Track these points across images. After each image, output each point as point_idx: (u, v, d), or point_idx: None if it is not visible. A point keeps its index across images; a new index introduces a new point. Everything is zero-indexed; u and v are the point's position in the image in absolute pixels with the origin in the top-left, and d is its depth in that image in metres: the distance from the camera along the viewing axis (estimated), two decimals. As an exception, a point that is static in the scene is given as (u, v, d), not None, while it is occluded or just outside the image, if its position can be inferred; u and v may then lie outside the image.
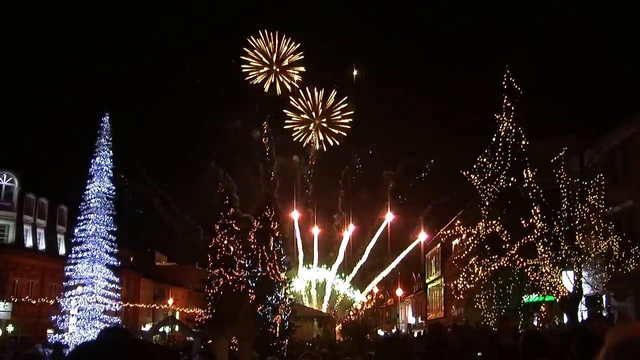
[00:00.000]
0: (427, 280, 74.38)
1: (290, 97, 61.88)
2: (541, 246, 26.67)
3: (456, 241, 36.08)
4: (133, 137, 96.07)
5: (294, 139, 62.27)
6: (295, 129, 63.68)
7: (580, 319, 26.53)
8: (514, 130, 28.85)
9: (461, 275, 29.82)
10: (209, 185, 50.55)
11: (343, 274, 61.55)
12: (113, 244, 46.28)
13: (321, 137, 60.58)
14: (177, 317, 63.79)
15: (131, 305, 62.18)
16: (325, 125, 63.33)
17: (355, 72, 58.93)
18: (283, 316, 34.75)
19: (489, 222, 28.38)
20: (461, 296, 31.40)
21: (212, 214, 39.81)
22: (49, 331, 45.78)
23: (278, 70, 59.49)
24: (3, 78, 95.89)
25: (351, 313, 66.10)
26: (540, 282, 27.20)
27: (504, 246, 27.55)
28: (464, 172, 29.67)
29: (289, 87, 61.55)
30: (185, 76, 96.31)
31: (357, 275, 63.16)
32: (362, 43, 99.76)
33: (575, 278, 26.93)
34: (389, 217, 63.56)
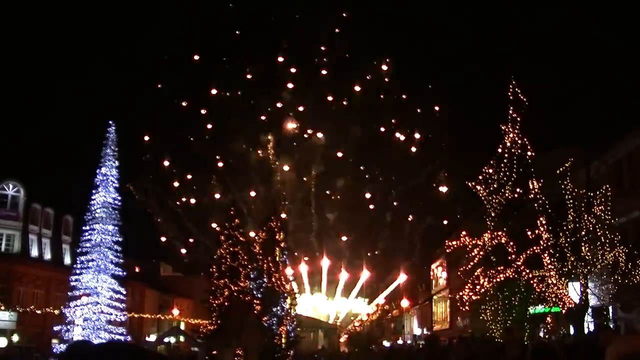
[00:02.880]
0: (433, 291, 74.23)
1: None
2: (547, 257, 26.60)
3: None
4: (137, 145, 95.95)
5: None
6: None
7: (586, 331, 26.43)
8: (519, 142, 28.80)
9: (467, 287, 29.73)
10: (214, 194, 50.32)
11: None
12: (118, 254, 46.34)
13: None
14: (182, 327, 63.68)
15: (136, 316, 62.10)
16: None
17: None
18: (288, 327, 34.65)
19: (495, 233, 28.31)
20: (467, 307, 31.28)
21: (217, 224, 39.85)
22: (54, 341, 45.81)
23: None
24: (9, 88, 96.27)
25: (356, 324, 65.86)
26: (546, 294, 27.10)
27: (509, 257, 27.47)
28: (469, 183, 29.63)
29: None
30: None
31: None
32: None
33: (582, 289, 26.83)
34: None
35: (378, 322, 78.70)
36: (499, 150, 29.26)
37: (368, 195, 53.42)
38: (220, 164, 51.02)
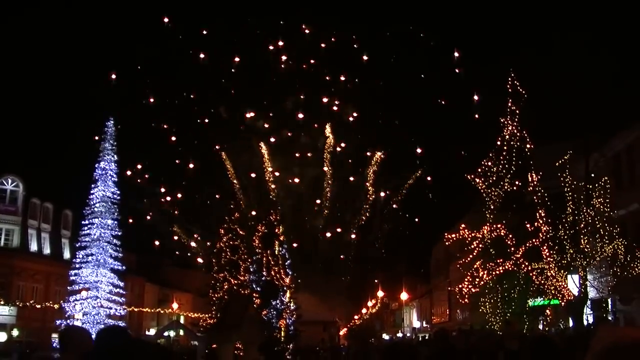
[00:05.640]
0: (432, 285, 74.33)
1: None
2: (546, 250, 26.62)
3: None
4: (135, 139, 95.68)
5: None
6: None
7: (585, 323, 26.47)
8: (518, 134, 28.79)
9: (466, 279, 29.76)
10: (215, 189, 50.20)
11: None
12: (118, 248, 46.39)
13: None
14: (182, 321, 63.74)
15: (136, 310, 62.13)
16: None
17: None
18: (288, 320, 34.71)
19: (494, 226, 28.32)
20: (466, 300, 31.32)
21: (216, 218, 39.81)
22: (54, 335, 45.82)
23: None
24: (7, 82, 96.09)
25: (356, 317, 66.04)
26: (546, 286, 27.14)
27: (509, 250, 27.49)
28: (469, 176, 29.62)
29: None
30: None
31: None
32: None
33: (581, 282, 26.87)
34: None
35: (377, 316, 78.91)
36: (498, 142, 29.24)
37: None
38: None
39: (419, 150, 50.43)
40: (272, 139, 49.83)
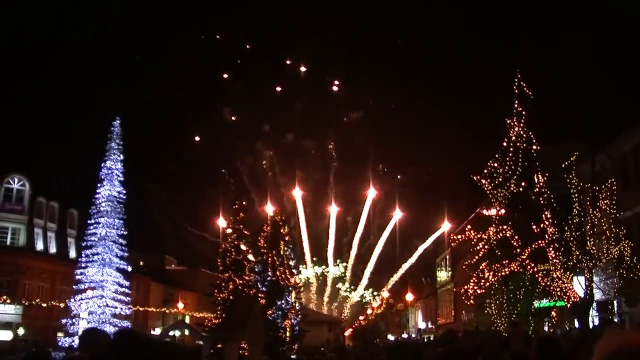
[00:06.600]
0: (438, 285, 74.23)
1: None
2: (552, 251, 26.54)
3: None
4: (141, 141, 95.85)
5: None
6: None
7: (591, 325, 26.39)
8: (524, 135, 28.70)
9: (472, 280, 29.70)
10: (219, 189, 50.42)
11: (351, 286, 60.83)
12: (123, 247, 46.43)
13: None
14: (187, 321, 63.80)
15: (141, 309, 62.24)
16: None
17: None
18: (293, 321, 34.72)
19: (500, 227, 28.24)
20: (471, 301, 31.25)
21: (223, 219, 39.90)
22: (59, 334, 45.94)
23: None
24: (14, 82, 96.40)
25: (361, 318, 65.97)
26: (551, 287, 27.05)
27: (514, 251, 27.41)
28: (475, 177, 29.55)
29: None
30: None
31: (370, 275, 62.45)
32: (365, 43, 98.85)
33: (587, 283, 26.78)
34: (397, 214, 62.47)
35: (383, 316, 78.90)
36: (504, 144, 29.16)
37: None
38: None
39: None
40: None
